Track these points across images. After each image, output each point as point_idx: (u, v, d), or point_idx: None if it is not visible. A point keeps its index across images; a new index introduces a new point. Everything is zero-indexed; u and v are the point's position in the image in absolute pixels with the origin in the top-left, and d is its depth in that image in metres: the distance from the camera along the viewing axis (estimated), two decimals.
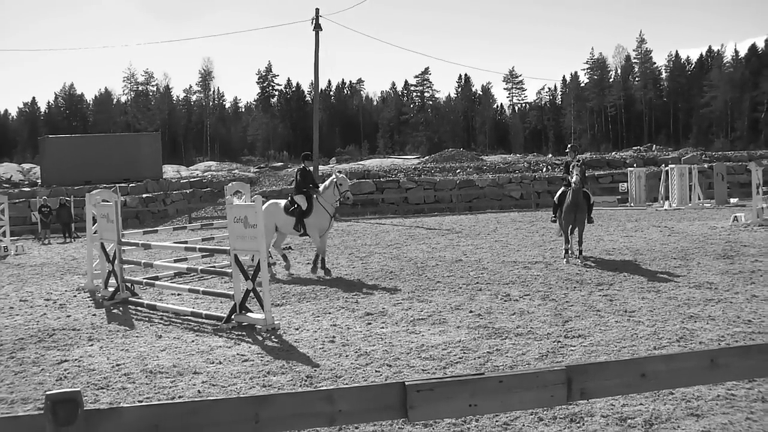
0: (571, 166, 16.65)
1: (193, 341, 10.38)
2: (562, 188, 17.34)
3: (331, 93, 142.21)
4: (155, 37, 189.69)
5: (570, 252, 16.75)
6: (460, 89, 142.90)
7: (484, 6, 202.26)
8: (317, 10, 45.30)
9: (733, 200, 35.16)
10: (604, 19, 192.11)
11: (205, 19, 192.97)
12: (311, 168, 17.54)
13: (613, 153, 63.76)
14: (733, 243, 18.24)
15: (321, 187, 16.78)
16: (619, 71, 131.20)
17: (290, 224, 16.63)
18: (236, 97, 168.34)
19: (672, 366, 3.62)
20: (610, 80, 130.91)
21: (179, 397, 7.71)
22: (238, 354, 9.49)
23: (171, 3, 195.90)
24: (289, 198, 17.04)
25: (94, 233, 15.61)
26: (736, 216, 23.87)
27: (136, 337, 10.90)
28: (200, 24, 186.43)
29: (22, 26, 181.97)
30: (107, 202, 15.07)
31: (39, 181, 51.28)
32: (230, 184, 20.13)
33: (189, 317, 12.07)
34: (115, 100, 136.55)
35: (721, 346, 8.33)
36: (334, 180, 16.51)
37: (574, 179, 16.29)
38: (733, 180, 40.68)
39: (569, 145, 18.44)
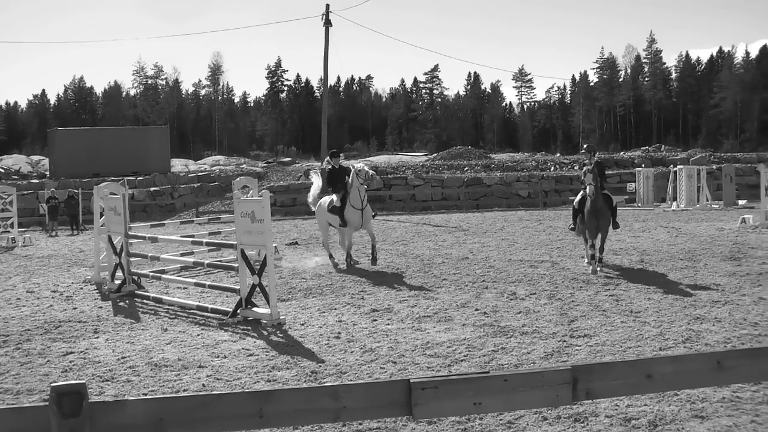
0: (584, 171, 15.36)
1: (198, 335, 10.41)
2: (582, 192, 15.60)
3: (340, 89, 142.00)
4: (165, 32, 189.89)
5: (594, 260, 15.02)
6: (469, 87, 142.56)
7: (494, 5, 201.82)
8: (327, 5, 45.36)
9: (741, 202, 35.03)
10: (614, 19, 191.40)
11: (215, 14, 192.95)
12: (342, 164, 17.63)
13: (622, 153, 63.65)
14: (740, 245, 18.18)
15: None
16: (628, 71, 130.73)
17: (336, 221, 17.07)
18: (245, 92, 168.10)
19: (678, 367, 3.61)
20: (620, 80, 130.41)
21: (184, 390, 7.73)
22: (243, 348, 9.50)
23: (182, 1, 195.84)
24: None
25: (102, 226, 15.62)
26: (744, 218, 23.79)
27: (142, 330, 10.93)
28: (210, 19, 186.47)
29: (35, 24, 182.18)
30: (115, 194, 15.09)
31: (47, 173, 51.43)
32: (238, 179, 20.10)
33: (195, 311, 12.10)
34: (124, 93, 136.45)
35: (727, 348, 8.31)
36: (353, 172, 16.71)
37: (588, 192, 14.91)
38: (741, 182, 40.51)
39: (585, 146, 16.61)
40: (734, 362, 3.69)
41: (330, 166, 17.55)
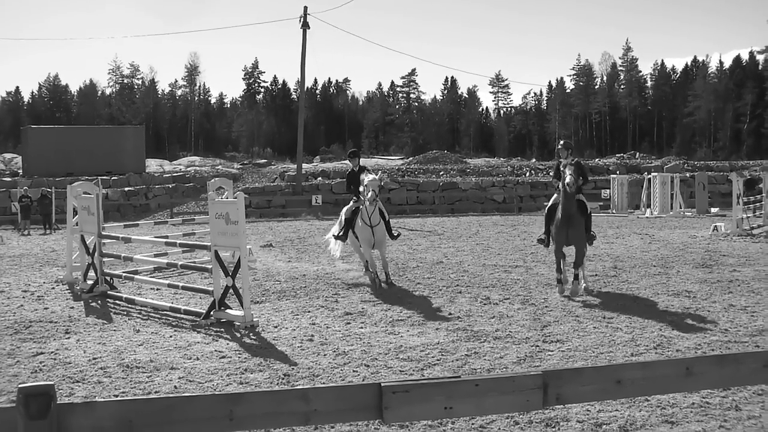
0: (561, 166, 12.95)
1: (171, 336, 10.34)
2: (554, 197, 13.36)
3: (317, 91, 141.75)
4: (142, 31, 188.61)
5: (564, 281, 13.22)
6: (446, 92, 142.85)
7: (472, 11, 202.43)
8: (305, 8, 45.34)
9: (713, 210, 35.39)
10: (591, 27, 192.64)
11: (192, 14, 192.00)
12: (359, 166, 15.48)
13: (597, 159, 64.01)
14: (712, 252, 18.35)
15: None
16: (604, 78, 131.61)
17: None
18: (222, 93, 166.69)
19: (648, 373, 3.64)
20: (596, 87, 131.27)
21: (155, 392, 7.68)
22: (215, 350, 9.46)
23: (158, 1, 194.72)
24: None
25: (75, 225, 15.50)
26: (716, 225, 24.03)
27: (114, 330, 10.84)
28: (188, 19, 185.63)
29: (10, 22, 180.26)
30: (88, 194, 14.97)
31: (20, 171, 50.89)
32: (213, 180, 20.02)
33: (167, 312, 12.03)
34: (99, 92, 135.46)
35: (697, 354, 8.39)
36: (365, 182, 14.35)
37: (567, 180, 12.48)
38: (714, 190, 40.96)
39: (562, 142, 13.66)
40: (703, 368, 3.73)
41: (350, 169, 15.69)
